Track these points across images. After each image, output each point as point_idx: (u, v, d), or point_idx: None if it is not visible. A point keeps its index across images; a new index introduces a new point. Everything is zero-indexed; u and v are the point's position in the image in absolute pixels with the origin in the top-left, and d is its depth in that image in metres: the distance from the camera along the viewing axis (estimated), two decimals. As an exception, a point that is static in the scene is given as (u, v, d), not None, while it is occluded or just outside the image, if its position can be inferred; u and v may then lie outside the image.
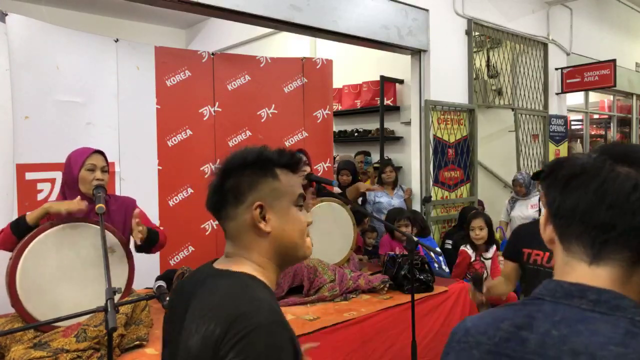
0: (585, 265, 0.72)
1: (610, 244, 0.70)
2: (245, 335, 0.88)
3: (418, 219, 4.08)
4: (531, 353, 0.69)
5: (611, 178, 0.70)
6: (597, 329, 0.67)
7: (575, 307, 0.70)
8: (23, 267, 2.06)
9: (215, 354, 0.89)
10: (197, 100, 3.72)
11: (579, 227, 0.72)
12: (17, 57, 2.92)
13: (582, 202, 0.71)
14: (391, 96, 5.82)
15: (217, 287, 0.99)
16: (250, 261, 1.03)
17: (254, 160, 1.06)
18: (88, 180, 2.27)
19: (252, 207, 1.02)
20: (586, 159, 0.74)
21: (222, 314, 0.92)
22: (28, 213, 2.22)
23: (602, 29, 7.36)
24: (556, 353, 0.67)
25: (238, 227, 1.04)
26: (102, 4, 6.48)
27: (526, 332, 0.71)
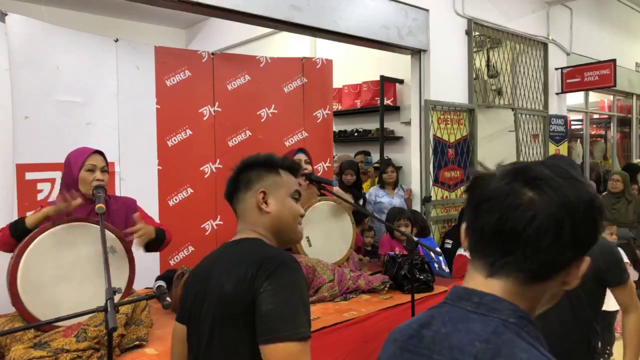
0: (482, 277, 0.80)
1: (505, 267, 0.77)
2: (275, 269, 1.16)
3: (418, 219, 4.08)
4: (424, 348, 0.81)
5: (514, 207, 0.75)
6: (472, 327, 0.76)
7: (462, 308, 0.80)
8: (24, 266, 2.06)
9: (250, 289, 1.15)
10: (197, 100, 3.72)
11: (483, 247, 0.80)
12: (17, 57, 2.92)
13: (486, 226, 0.78)
14: (391, 96, 5.82)
15: (239, 247, 1.31)
16: (256, 232, 1.34)
17: (264, 160, 1.40)
18: (88, 181, 2.27)
19: (257, 192, 1.34)
20: (497, 184, 0.79)
21: (251, 260, 1.20)
22: (28, 215, 2.22)
23: (602, 29, 7.36)
24: (440, 348, 0.78)
25: (246, 207, 1.37)
26: (102, 4, 6.47)
27: (425, 330, 0.83)
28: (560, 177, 0.76)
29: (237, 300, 1.17)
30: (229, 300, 1.19)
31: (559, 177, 0.76)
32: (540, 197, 0.74)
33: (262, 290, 1.14)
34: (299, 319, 1.14)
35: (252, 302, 1.15)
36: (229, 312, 1.19)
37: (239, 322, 1.17)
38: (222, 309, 1.21)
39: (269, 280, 1.15)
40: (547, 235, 0.73)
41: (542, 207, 0.74)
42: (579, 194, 0.75)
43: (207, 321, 1.25)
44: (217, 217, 3.81)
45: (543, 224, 0.73)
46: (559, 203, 0.74)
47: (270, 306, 1.12)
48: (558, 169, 0.78)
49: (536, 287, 0.78)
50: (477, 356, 0.73)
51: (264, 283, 1.14)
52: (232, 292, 1.18)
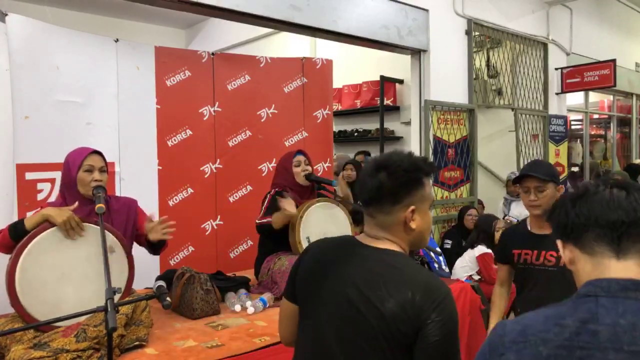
0: (615, 260, 0.88)
1: (624, 236, 0.87)
2: (442, 301, 1.16)
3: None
4: (605, 342, 0.80)
5: (608, 192, 0.91)
6: None
7: (633, 299, 0.83)
8: (23, 266, 2.06)
9: (416, 316, 1.14)
10: (197, 100, 3.72)
11: (595, 230, 0.89)
12: (17, 57, 2.92)
13: (592, 210, 0.89)
14: (391, 96, 5.82)
15: (391, 259, 1.25)
16: (399, 246, 1.30)
17: (410, 167, 1.29)
18: (87, 182, 2.27)
19: (407, 208, 1.27)
20: (586, 184, 0.95)
21: (415, 284, 1.18)
22: (28, 216, 2.21)
23: (602, 29, 7.36)
24: (630, 339, 0.79)
25: (392, 220, 1.29)
26: (102, 4, 6.47)
27: (594, 325, 0.82)
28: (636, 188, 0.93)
29: (398, 321, 1.15)
30: (388, 319, 1.16)
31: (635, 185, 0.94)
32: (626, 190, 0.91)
33: (430, 321, 1.14)
34: (458, 354, 1.17)
35: (417, 331, 1.14)
36: (381, 331, 1.17)
37: (391, 344, 1.16)
38: (377, 326, 1.17)
39: (438, 310, 1.15)
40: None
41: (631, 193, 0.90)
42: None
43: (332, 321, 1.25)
44: (217, 217, 3.81)
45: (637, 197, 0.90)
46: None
47: (437, 338, 1.13)
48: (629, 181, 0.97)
49: None
50: None
51: (432, 314, 1.14)
52: (394, 312, 1.15)
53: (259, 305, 2.66)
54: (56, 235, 2.14)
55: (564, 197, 0.98)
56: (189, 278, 2.63)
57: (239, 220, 3.75)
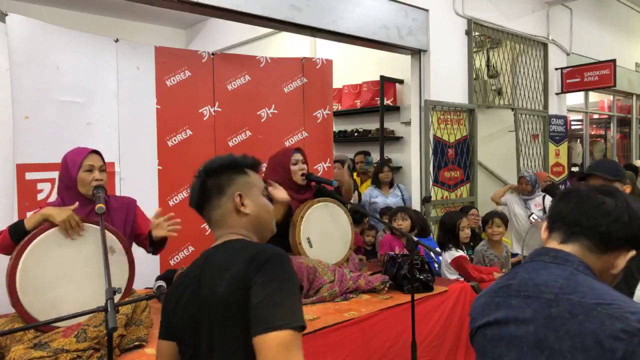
0: (557, 243, 1.18)
1: (576, 234, 1.15)
2: (265, 262, 1.15)
3: (418, 219, 4.08)
4: (513, 291, 1.16)
5: (588, 196, 1.16)
6: (552, 271, 1.12)
7: (541, 261, 1.16)
8: (23, 267, 2.06)
9: (244, 286, 1.13)
10: (197, 100, 3.72)
11: (560, 221, 1.18)
12: (17, 57, 2.92)
13: (565, 207, 1.18)
14: (391, 96, 5.82)
15: (225, 249, 1.28)
16: (238, 234, 1.33)
17: (229, 163, 1.38)
18: (87, 182, 2.27)
19: (233, 196, 1.33)
20: (582, 190, 1.19)
21: (241, 258, 1.18)
22: (28, 216, 2.21)
23: (602, 29, 7.36)
24: (526, 288, 1.13)
25: (223, 213, 1.33)
26: (102, 4, 6.47)
27: (511, 281, 1.18)
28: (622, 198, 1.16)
29: (232, 300, 1.14)
30: (224, 302, 1.16)
31: (621, 196, 1.16)
32: (610, 196, 1.15)
33: (252, 284, 1.12)
34: (293, 308, 1.11)
35: (246, 299, 1.12)
36: (227, 314, 1.16)
37: (238, 323, 1.13)
38: (219, 313, 1.17)
39: (260, 272, 1.13)
40: (610, 216, 1.12)
41: (611, 200, 1.14)
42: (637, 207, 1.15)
43: (204, 331, 1.21)
44: (217, 217, 3.80)
45: (610, 208, 1.12)
46: (624, 203, 1.14)
47: (262, 297, 1.10)
48: (621, 194, 1.18)
49: (595, 257, 1.13)
50: (560, 287, 1.07)
51: (255, 276, 1.13)
52: (225, 293, 1.16)
53: (259, 305, 2.65)
54: (57, 236, 2.14)
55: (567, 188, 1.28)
56: (189, 278, 2.62)
57: (239, 220, 3.75)
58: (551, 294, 1.07)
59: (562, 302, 1.04)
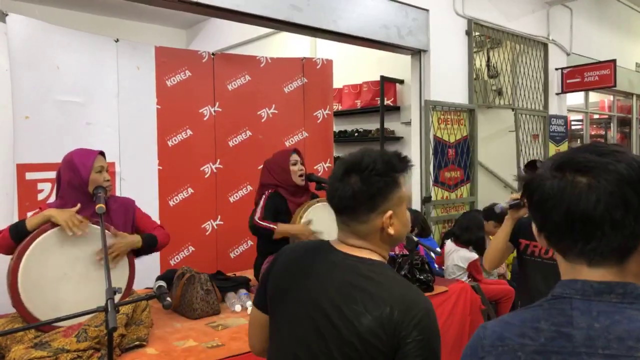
0: (586, 268, 0.82)
1: (597, 250, 0.80)
2: (422, 318, 1.09)
3: (419, 219, 4.08)
4: (580, 346, 0.78)
5: (575, 197, 0.80)
6: (631, 316, 0.77)
7: (607, 301, 0.80)
8: (25, 267, 2.06)
9: (395, 334, 1.07)
10: (197, 100, 3.72)
11: (567, 240, 0.83)
12: (17, 57, 2.92)
13: (560, 221, 0.81)
14: (391, 96, 5.82)
15: (366, 268, 1.17)
16: (378, 254, 1.22)
17: (384, 170, 1.18)
18: (99, 183, 2.28)
19: (383, 214, 1.19)
20: (551, 182, 0.82)
21: (395, 299, 1.10)
22: (29, 217, 2.21)
23: (602, 29, 7.35)
24: (604, 342, 0.77)
25: (368, 229, 1.20)
26: (102, 4, 6.47)
27: (568, 329, 0.80)
28: (603, 155, 0.81)
29: (374, 340, 1.07)
30: (362, 334, 1.08)
31: (602, 156, 0.81)
32: (595, 179, 0.79)
33: (410, 340, 1.06)
34: None
35: (395, 350, 1.07)
36: (356, 349, 1.09)
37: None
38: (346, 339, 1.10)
39: (418, 328, 1.07)
40: (617, 209, 0.78)
41: (601, 187, 0.78)
42: (629, 163, 0.80)
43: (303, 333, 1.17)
44: (217, 217, 3.81)
45: (609, 202, 0.78)
46: (614, 178, 0.78)
47: (420, 358, 1.07)
48: (598, 149, 0.83)
49: (632, 262, 0.82)
50: None
51: (413, 332, 1.07)
52: (368, 330, 1.08)
53: (259, 305, 2.65)
54: (58, 236, 2.14)
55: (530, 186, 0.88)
56: (189, 278, 2.63)
57: (239, 220, 3.74)
58: None
59: None
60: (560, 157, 0.85)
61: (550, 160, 0.86)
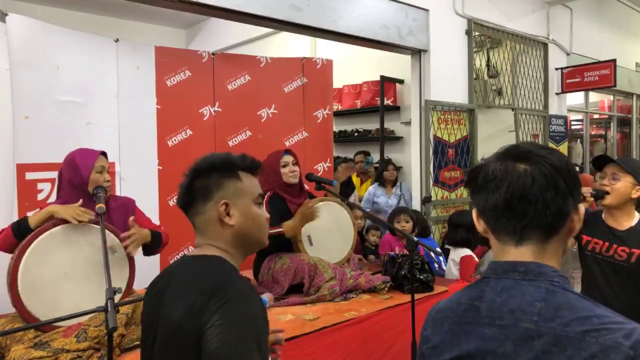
0: (513, 247, 0.95)
1: (526, 228, 0.93)
2: (227, 300, 1.02)
3: (419, 219, 4.09)
4: (484, 317, 0.93)
5: (515, 177, 0.92)
6: (525, 291, 0.91)
7: (511, 279, 0.93)
8: (25, 266, 2.06)
9: (198, 320, 1.02)
10: (197, 100, 3.72)
11: (502, 220, 0.94)
12: (17, 57, 2.92)
13: (499, 201, 0.93)
14: (391, 96, 5.82)
15: (194, 266, 1.15)
16: (217, 248, 1.19)
17: (221, 163, 1.22)
18: (100, 183, 2.29)
19: (218, 204, 1.18)
20: (494, 165, 0.95)
21: (201, 287, 1.06)
22: (30, 215, 2.21)
23: (602, 29, 7.35)
24: (499, 314, 0.91)
25: (206, 221, 1.20)
26: (102, 4, 6.47)
27: (478, 303, 0.94)
28: (540, 149, 0.95)
29: (183, 331, 1.04)
30: (175, 329, 1.06)
31: (540, 149, 0.95)
32: (532, 165, 0.92)
33: (210, 325, 1.00)
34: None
35: (199, 337, 1.01)
36: (174, 343, 1.07)
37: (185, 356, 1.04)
38: (168, 339, 1.09)
39: (219, 312, 1.01)
40: (548, 190, 0.91)
41: (537, 172, 0.91)
42: (559, 158, 0.94)
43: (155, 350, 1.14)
44: (217, 217, 3.80)
45: (542, 183, 0.91)
46: (548, 166, 0.92)
47: (218, 344, 0.99)
48: (535, 145, 0.97)
49: (554, 241, 0.94)
50: (539, 313, 0.87)
51: (214, 316, 1.00)
52: (179, 321, 1.05)
53: (259, 305, 2.65)
54: (58, 236, 2.14)
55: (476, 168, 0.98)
56: (189, 278, 2.63)
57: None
58: (530, 322, 0.87)
59: (544, 332, 0.86)
60: (503, 149, 0.97)
61: (493, 154, 0.98)
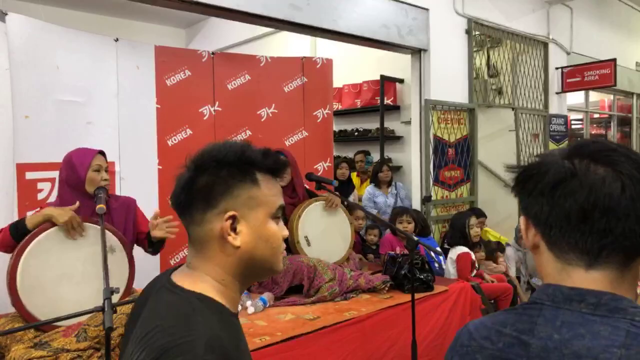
0: (582, 270, 0.72)
1: (606, 249, 0.70)
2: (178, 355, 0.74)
3: (419, 218, 4.09)
4: (534, 357, 0.70)
5: (597, 182, 0.69)
6: (598, 331, 0.67)
7: (576, 311, 0.70)
8: (24, 266, 2.06)
9: None
10: (197, 99, 3.72)
11: (574, 234, 0.71)
12: (17, 56, 2.92)
13: (574, 209, 0.70)
14: (391, 95, 5.82)
15: (161, 308, 0.85)
16: (209, 277, 0.88)
17: (235, 159, 0.89)
18: (97, 181, 2.29)
19: (223, 215, 0.86)
20: (566, 164, 0.72)
21: (154, 343, 0.77)
22: (28, 216, 2.21)
23: (602, 28, 7.35)
24: (558, 357, 0.68)
25: (204, 234, 0.88)
26: (102, 4, 6.47)
27: (527, 337, 0.72)
28: (620, 147, 0.73)
29: None
30: None
31: (620, 147, 0.73)
32: (615, 167, 0.70)
33: None
34: None
35: None
36: None
37: None
38: None
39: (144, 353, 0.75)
40: None
41: (626, 175, 0.69)
42: None
43: None
44: (217, 217, 3.80)
45: (635, 192, 0.68)
46: (637, 168, 0.70)
47: None
48: (612, 142, 0.75)
49: (634, 268, 0.72)
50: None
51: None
52: None
53: (259, 305, 2.66)
54: (57, 235, 2.14)
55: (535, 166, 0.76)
56: (188, 278, 2.62)
57: (239, 219, 3.75)
58: None
59: None
60: (570, 147, 0.75)
61: (555, 150, 0.77)
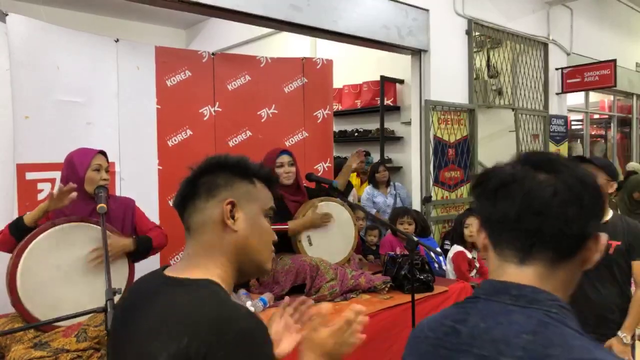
0: (515, 266, 0.81)
1: (536, 246, 0.79)
2: (231, 344, 0.82)
3: (419, 219, 4.09)
4: (463, 343, 0.80)
5: (534, 186, 0.79)
6: (514, 320, 0.77)
7: (501, 302, 0.80)
8: (24, 266, 2.06)
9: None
10: (197, 100, 3.72)
11: (510, 233, 0.81)
12: (17, 56, 2.92)
13: (510, 211, 0.80)
14: (391, 96, 5.82)
15: (179, 294, 0.91)
16: (211, 263, 0.98)
17: (235, 163, 1.05)
18: (96, 181, 2.29)
19: (223, 202, 0.99)
20: (511, 170, 0.82)
21: (194, 323, 0.84)
22: (27, 214, 2.22)
23: (602, 29, 7.35)
24: (480, 342, 0.78)
25: (204, 220, 0.99)
26: (102, 4, 6.47)
27: (460, 326, 0.82)
28: (565, 159, 0.83)
29: None
30: None
31: (564, 159, 0.83)
32: (555, 175, 0.79)
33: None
34: None
35: None
36: None
37: None
38: None
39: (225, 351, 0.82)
40: (572, 206, 0.77)
41: (561, 183, 0.78)
42: (585, 173, 0.81)
43: None
44: (217, 217, 3.80)
45: (565, 196, 0.77)
46: (574, 178, 0.79)
47: None
48: (560, 155, 0.85)
49: (563, 267, 0.80)
50: (525, 347, 0.74)
51: (219, 353, 0.81)
52: None
53: (259, 305, 2.65)
54: (57, 236, 2.14)
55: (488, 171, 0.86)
56: (189, 278, 2.62)
57: (239, 220, 3.75)
58: (512, 357, 0.74)
59: None
60: (520, 156, 0.85)
61: (510, 159, 0.86)
